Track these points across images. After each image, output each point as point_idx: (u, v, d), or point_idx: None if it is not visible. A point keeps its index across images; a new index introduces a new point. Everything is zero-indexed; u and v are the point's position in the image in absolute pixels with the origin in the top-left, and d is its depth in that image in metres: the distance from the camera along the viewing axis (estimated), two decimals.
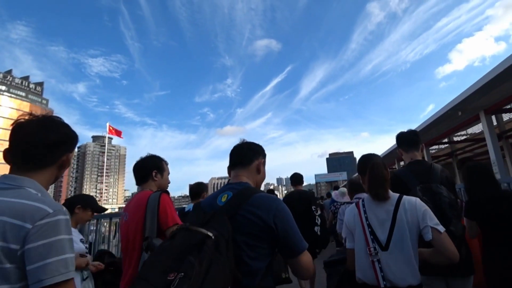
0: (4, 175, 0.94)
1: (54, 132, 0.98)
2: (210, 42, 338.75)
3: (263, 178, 1.47)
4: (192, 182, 3.60)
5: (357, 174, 2.56)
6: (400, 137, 2.32)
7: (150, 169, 1.96)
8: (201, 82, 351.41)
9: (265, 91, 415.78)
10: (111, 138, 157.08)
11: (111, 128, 22.61)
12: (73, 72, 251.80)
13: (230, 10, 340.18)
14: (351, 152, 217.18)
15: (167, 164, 2.12)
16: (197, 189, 3.53)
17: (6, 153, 0.95)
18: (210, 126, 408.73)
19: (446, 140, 13.13)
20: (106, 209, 2.79)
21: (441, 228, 1.43)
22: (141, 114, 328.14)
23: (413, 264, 1.44)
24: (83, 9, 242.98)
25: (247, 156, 1.41)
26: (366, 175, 1.70)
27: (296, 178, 4.61)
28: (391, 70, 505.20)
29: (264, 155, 1.48)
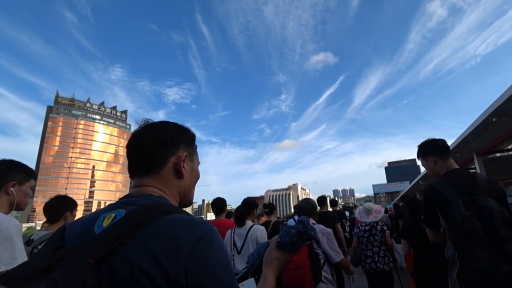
0: None
1: None
2: (265, 62, 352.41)
3: (192, 182, 0.82)
4: (251, 195, 3.55)
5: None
6: (433, 143, 1.99)
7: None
8: (258, 100, 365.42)
9: (318, 103, 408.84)
10: None
11: None
12: (155, 101, 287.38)
13: (282, 29, 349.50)
14: (413, 160, 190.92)
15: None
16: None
17: None
18: (267, 141, 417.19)
19: None
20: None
21: None
22: (207, 133, 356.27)
23: None
24: (162, 48, 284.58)
25: (152, 156, 0.73)
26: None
27: (319, 200, 5.15)
28: (457, 68, 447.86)
29: (188, 142, 0.81)
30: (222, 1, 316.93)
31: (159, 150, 0.73)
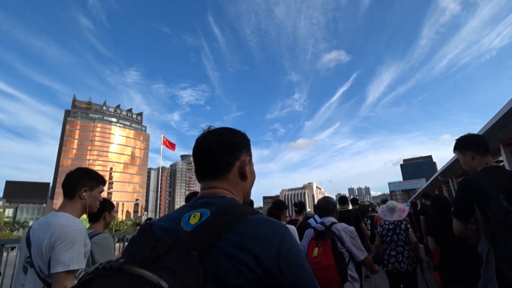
0: None
1: None
2: (277, 62, 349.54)
3: (252, 183, 0.90)
4: (267, 195, 3.56)
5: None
6: (473, 139, 1.99)
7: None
8: (271, 100, 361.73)
9: (331, 102, 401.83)
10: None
11: (165, 140, 19.70)
12: (170, 103, 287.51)
13: (293, 29, 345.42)
14: (429, 156, 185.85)
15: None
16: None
17: None
18: (281, 141, 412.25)
19: None
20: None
21: None
22: None
23: None
24: (175, 51, 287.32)
25: (220, 160, 0.81)
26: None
27: (341, 199, 5.40)
28: (472, 62, 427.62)
29: (247, 148, 0.89)
30: (233, 2, 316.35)
31: (226, 155, 0.80)
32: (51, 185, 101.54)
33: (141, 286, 0.48)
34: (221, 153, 0.80)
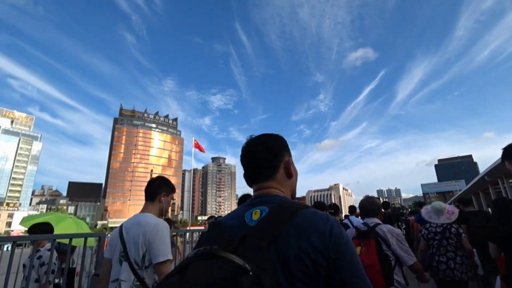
0: None
1: None
2: (302, 63, 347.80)
3: (296, 179, 1.02)
4: None
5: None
6: None
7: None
8: (296, 101, 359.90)
9: (357, 101, 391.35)
10: (225, 158, 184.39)
11: (196, 142, 20.28)
12: (201, 108, 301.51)
13: (318, 29, 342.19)
14: (469, 156, 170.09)
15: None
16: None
17: None
18: (307, 142, 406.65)
19: None
20: None
21: None
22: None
23: None
24: (206, 59, 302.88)
25: (268, 163, 0.93)
26: None
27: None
28: None
29: (287, 149, 1.00)
30: (259, 9, 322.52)
31: (273, 158, 0.93)
32: (103, 185, 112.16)
33: (229, 267, 0.57)
34: (268, 158, 0.93)
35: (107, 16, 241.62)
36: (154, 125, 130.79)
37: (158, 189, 1.93)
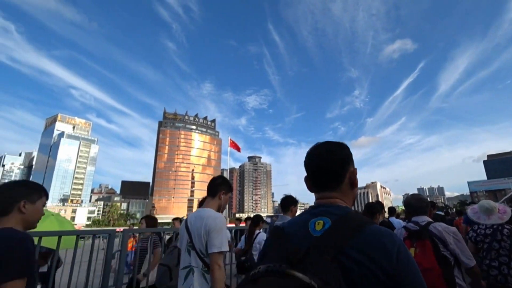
0: None
1: None
2: (335, 59, 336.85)
3: (357, 190, 1.00)
4: None
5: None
6: None
7: None
8: (330, 98, 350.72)
9: (395, 95, 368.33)
10: (260, 157, 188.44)
11: (232, 142, 20.22)
12: (237, 109, 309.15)
13: (351, 23, 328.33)
14: None
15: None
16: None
17: None
18: (342, 139, 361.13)
19: None
20: None
21: None
22: (284, 136, 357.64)
23: None
24: (241, 61, 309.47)
25: (335, 173, 0.92)
26: None
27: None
28: None
29: (352, 159, 0.97)
30: (290, 7, 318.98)
31: (339, 169, 0.92)
32: (150, 184, 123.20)
33: (296, 285, 0.60)
34: (336, 169, 0.91)
35: (151, 26, 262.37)
36: (194, 127, 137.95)
37: (219, 186, 2.09)
